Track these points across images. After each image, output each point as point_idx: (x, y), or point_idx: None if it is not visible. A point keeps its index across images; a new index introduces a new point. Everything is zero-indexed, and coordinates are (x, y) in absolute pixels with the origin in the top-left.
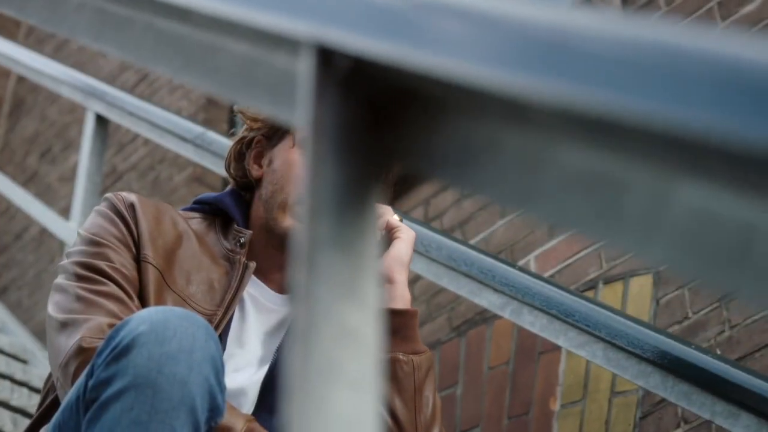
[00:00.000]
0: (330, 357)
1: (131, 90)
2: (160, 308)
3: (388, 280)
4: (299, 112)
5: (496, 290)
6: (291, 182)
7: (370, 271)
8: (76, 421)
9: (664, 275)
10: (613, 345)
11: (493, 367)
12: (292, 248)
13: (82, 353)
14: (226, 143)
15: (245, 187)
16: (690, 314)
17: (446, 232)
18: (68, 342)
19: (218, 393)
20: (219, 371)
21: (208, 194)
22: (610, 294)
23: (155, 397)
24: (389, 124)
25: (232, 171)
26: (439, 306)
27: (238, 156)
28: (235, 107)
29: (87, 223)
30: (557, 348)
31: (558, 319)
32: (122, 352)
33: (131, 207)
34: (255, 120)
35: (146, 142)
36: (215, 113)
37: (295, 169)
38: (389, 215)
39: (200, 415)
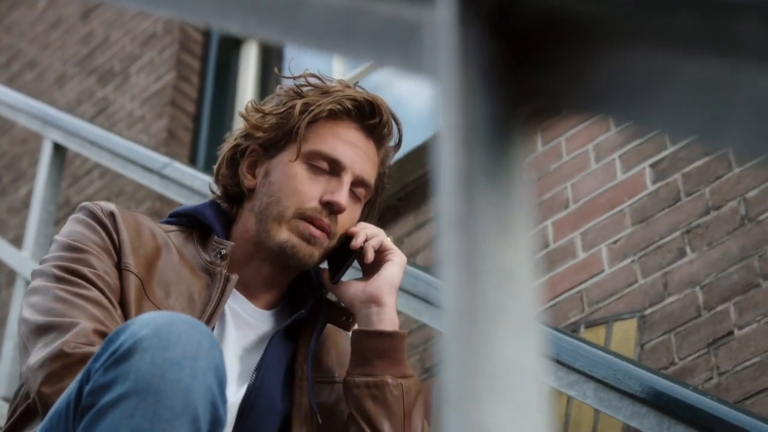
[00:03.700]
0: (491, 297)
1: (89, 122)
2: (164, 312)
3: (377, 303)
4: (439, 53)
5: None
6: (289, 195)
7: (521, 208)
8: (66, 428)
9: (649, 319)
10: (605, 384)
11: None
12: (435, 186)
13: (62, 358)
14: (193, 175)
15: (232, 197)
16: (677, 360)
17: (428, 268)
18: (48, 345)
19: (220, 404)
20: (222, 381)
21: (185, 206)
22: (592, 338)
23: (157, 404)
24: (541, 59)
25: (221, 178)
26: (411, 346)
27: (230, 163)
28: (241, 112)
29: (65, 230)
30: None
31: (546, 357)
32: (123, 356)
33: (111, 215)
34: (257, 128)
35: (103, 174)
36: (176, 148)
37: (294, 182)
38: (384, 236)
39: (202, 425)
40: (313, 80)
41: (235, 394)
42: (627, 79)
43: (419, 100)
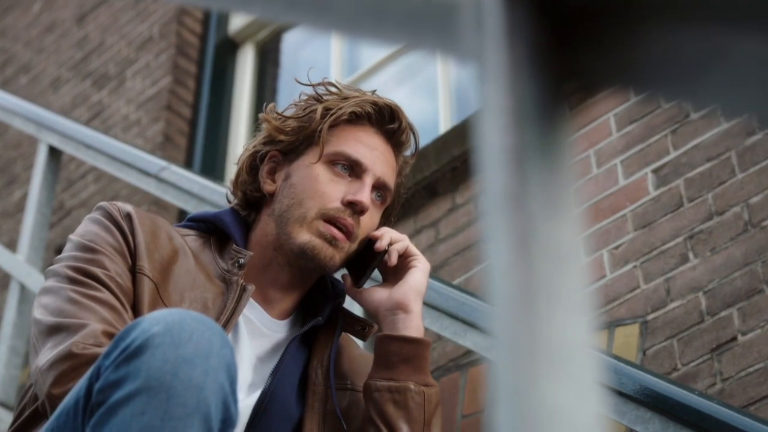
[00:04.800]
0: (545, 276)
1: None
2: (175, 309)
3: (404, 310)
4: (484, 33)
5: (482, 331)
6: (311, 197)
7: (570, 186)
8: (74, 426)
9: (651, 325)
10: (609, 389)
11: (468, 415)
12: (479, 167)
13: (71, 359)
14: (190, 178)
15: (251, 203)
16: (679, 365)
17: None
18: (57, 346)
19: (232, 404)
20: (234, 380)
21: (204, 212)
22: None
23: (169, 402)
24: (589, 37)
25: (240, 185)
26: None
27: (250, 169)
28: (261, 115)
29: (80, 230)
30: None
31: None
32: (134, 353)
33: (128, 217)
34: (279, 131)
35: (98, 178)
36: (172, 152)
37: (316, 183)
38: (408, 242)
39: (214, 424)
40: (332, 88)
41: (246, 399)
42: (678, 56)
43: (413, 108)
